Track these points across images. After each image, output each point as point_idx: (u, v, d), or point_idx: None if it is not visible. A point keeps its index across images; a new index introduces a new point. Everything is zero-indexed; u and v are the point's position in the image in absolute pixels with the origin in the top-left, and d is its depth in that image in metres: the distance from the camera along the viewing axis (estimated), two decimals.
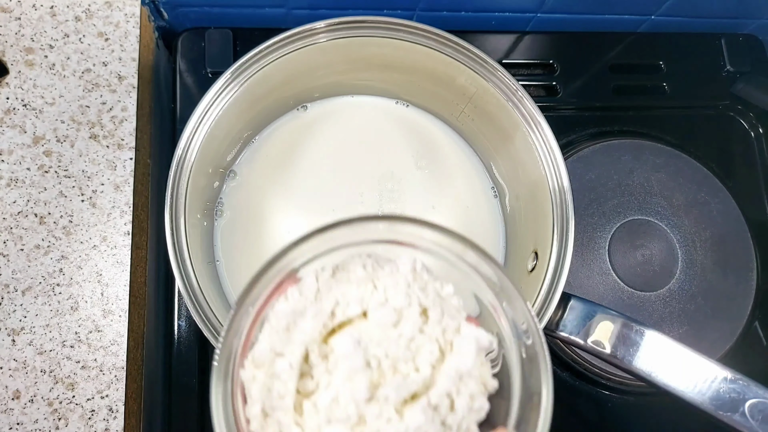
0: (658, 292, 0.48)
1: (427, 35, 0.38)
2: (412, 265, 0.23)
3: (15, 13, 0.46)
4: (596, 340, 0.35)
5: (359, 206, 0.44)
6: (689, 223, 0.50)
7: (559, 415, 0.47)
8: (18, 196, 0.43)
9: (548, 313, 0.35)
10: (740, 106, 0.56)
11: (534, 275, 0.38)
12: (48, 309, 0.42)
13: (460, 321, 0.23)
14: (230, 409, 0.21)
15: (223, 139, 0.40)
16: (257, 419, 0.21)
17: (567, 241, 0.36)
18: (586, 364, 0.46)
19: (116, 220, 0.44)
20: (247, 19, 0.51)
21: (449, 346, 0.22)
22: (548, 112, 0.40)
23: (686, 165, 0.51)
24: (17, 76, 0.45)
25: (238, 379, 0.22)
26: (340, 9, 0.51)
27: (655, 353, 0.34)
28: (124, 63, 0.46)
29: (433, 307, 0.23)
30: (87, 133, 0.45)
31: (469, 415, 0.22)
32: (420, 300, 0.22)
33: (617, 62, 0.55)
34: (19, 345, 0.41)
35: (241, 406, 0.22)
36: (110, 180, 0.44)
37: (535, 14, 0.55)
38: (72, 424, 0.40)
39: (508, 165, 0.44)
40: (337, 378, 0.21)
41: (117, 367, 0.41)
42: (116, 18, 0.47)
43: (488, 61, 0.38)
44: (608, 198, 0.50)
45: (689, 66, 0.56)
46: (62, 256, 0.42)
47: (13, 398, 0.40)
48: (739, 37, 0.57)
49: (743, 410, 0.32)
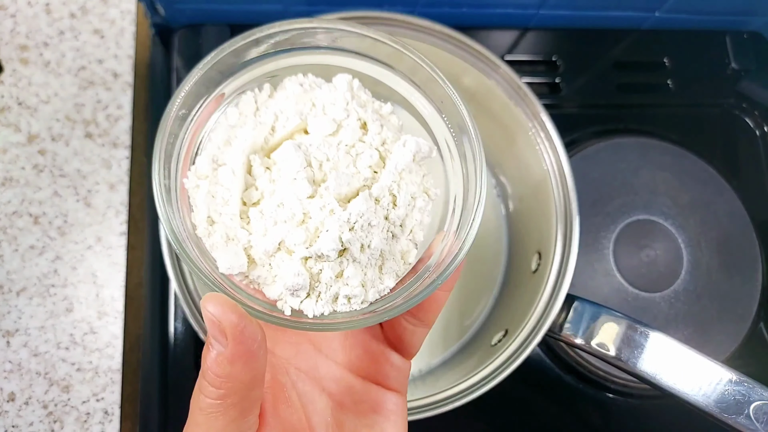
0: (663, 293, 0.47)
1: (428, 31, 0.38)
2: (350, 83, 0.23)
3: (10, 11, 0.45)
4: (601, 342, 0.34)
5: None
6: (694, 223, 0.49)
7: (563, 417, 0.47)
8: (12, 195, 0.42)
9: (552, 314, 0.35)
10: (745, 104, 0.55)
11: (537, 276, 0.38)
12: (43, 310, 0.41)
13: (400, 134, 0.23)
14: (177, 215, 0.21)
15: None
16: (203, 225, 0.21)
17: (571, 242, 0.36)
18: (590, 367, 0.46)
19: (111, 220, 0.43)
20: (244, 15, 0.51)
21: (389, 154, 0.23)
22: (551, 110, 0.40)
23: (691, 164, 0.51)
24: (12, 74, 0.44)
25: (183, 188, 0.22)
26: (339, 5, 0.50)
27: (660, 355, 0.34)
28: (120, 60, 0.46)
29: (373, 121, 0.23)
30: (82, 132, 0.44)
31: (413, 213, 0.22)
32: (359, 114, 0.23)
33: (621, 59, 0.54)
34: (13, 347, 0.40)
35: (187, 213, 0.22)
36: (105, 179, 0.44)
37: (538, 10, 0.54)
38: (67, 426, 0.39)
39: (511, 164, 0.43)
40: (281, 185, 0.21)
41: (112, 370, 0.41)
42: (112, 15, 0.46)
43: (491, 58, 0.38)
44: (613, 197, 0.49)
45: (694, 63, 0.55)
46: (57, 257, 0.42)
47: (8, 400, 0.39)
48: (744, 35, 0.57)
49: (748, 412, 0.32)
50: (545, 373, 0.47)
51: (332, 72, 0.24)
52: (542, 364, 0.47)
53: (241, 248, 0.21)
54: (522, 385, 0.47)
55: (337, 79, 0.23)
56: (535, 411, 0.47)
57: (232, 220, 0.21)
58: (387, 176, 0.22)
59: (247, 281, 0.22)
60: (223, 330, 0.18)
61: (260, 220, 0.21)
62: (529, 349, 0.34)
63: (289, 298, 0.21)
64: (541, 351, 0.48)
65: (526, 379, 0.47)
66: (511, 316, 0.39)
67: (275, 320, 0.20)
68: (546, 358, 0.47)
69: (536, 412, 0.47)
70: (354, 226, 0.21)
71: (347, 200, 0.21)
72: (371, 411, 0.24)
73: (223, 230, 0.21)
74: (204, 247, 0.21)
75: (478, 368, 0.35)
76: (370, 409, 0.24)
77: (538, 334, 0.35)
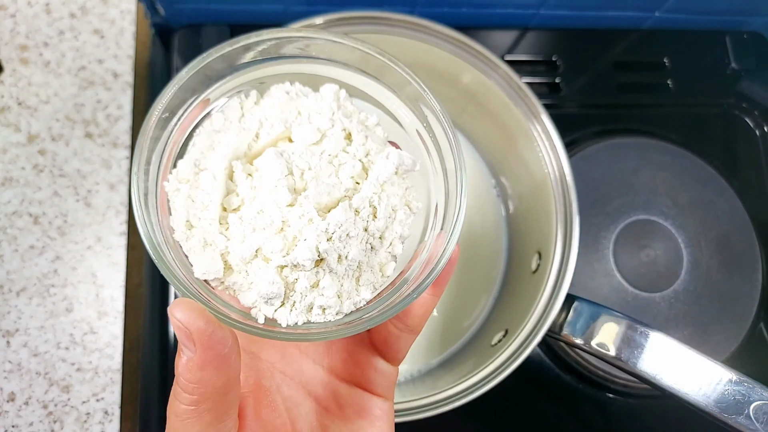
0: (663, 293, 0.47)
1: (428, 31, 0.38)
2: (336, 94, 0.23)
3: (10, 11, 0.45)
4: (601, 342, 0.34)
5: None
6: (694, 223, 0.49)
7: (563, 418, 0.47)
8: (12, 195, 0.42)
9: (552, 314, 0.35)
10: (745, 104, 0.55)
11: (537, 276, 0.38)
12: (43, 310, 0.41)
13: (384, 147, 0.23)
14: (155, 218, 0.21)
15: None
16: (181, 229, 0.21)
17: (571, 241, 0.36)
18: (590, 367, 0.46)
19: (111, 220, 0.43)
20: (244, 15, 0.51)
21: (372, 165, 0.22)
22: (551, 110, 0.40)
23: (691, 164, 0.51)
24: (12, 74, 0.44)
25: (162, 192, 0.22)
26: (339, 4, 0.50)
27: (660, 355, 0.34)
28: (120, 60, 0.46)
29: (357, 132, 0.23)
30: (82, 132, 0.44)
31: (393, 226, 0.22)
32: (344, 124, 0.23)
33: (621, 59, 0.54)
34: (13, 347, 0.40)
35: (165, 217, 0.22)
36: (105, 179, 0.44)
37: (538, 10, 0.54)
38: (67, 426, 0.39)
39: (511, 164, 0.43)
40: (261, 192, 0.21)
41: (112, 370, 0.41)
42: (112, 15, 0.46)
43: (491, 58, 0.38)
44: (613, 197, 0.49)
45: (694, 64, 0.55)
46: (57, 257, 0.42)
47: (8, 400, 0.39)
48: (744, 35, 0.57)
49: (748, 412, 0.32)
50: (545, 373, 0.47)
51: (320, 81, 0.24)
52: (542, 364, 0.47)
53: (218, 254, 0.21)
54: (522, 385, 0.47)
55: (324, 89, 0.23)
56: (535, 411, 0.47)
57: (211, 225, 0.21)
58: (368, 187, 0.22)
59: (223, 287, 0.21)
60: (191, 336, 0.18)
61: (239, 226, 0.21)
62: (529, 349, 0.34)
63: (263, 306, 0.21)
64: (541, 351, 0.48)
65: (526, 379, 0.47)
66: (511, 316, 0.39)
67: (248, 329, 0.20)
68: (546, 358, 0.47)
69: (536, 412, 0.47)
70: (332, 237, 0.20)
71: (327, 210, 0.21)
72: (356, 416, 0.23)
73: (201, 235, 0.21)
74: (181, 251, 0.21)
75: (478, 368, 0.35)
76: (355, 414, 0.23)
77: (538, 334, 0.35)
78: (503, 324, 0.40)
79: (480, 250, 0.46)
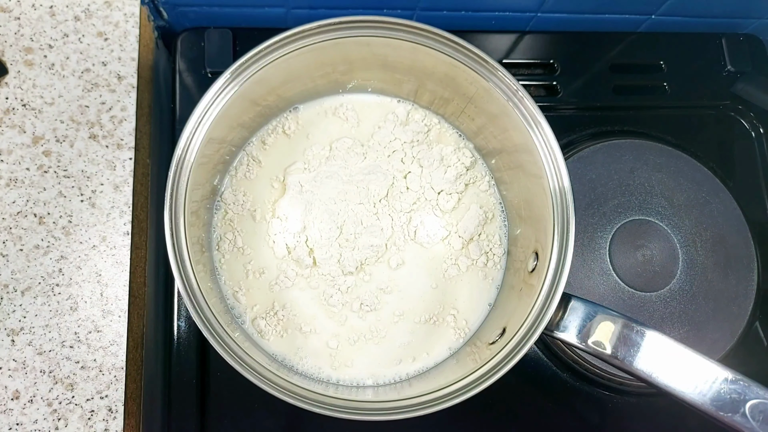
0: (658, 292, 0.48)
1: (427, 35, 0.38)
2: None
3: (14, 13, 0.46)
4: (597, 341, 0.35)
5: (359, 203, 0.44)
6: (690, 224, 0.50)
7: (560, 415, 0.48)
8: (17, 196, 0.43)
9: (549, 313, 0.35)
10: (741, 106, 0.56)
11: (534, 276, 0.38)
12: (47, 309, 0.42)
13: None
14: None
15: (222, 138, 0.40)
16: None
17: (567, 242, 0.36)
18: (587, 365, 0.46)
19: (115, 220, 0.44)
20: (246, 18, 0.51)
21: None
22: (548, 112, 0.40)
23: (687, 165, 0.51)
24: (16, 76, 0.45)
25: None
26: (340, 8, 0.51)
27: (656, 354, 0.34)
28: (124, 63, 0.46)
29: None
30: (86, 133, 0.45)
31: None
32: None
33: (618, 62, 0.55)
34: (18, 345, 0.41)
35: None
36: (109, 180, 0.44)
37: (536, 14, 0.54)
38: (71, 424, 0.40)
39: (509, 165, 0.44)
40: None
41: (116, 368, 0.41)
42: (116, 18, 0.47)
43: (489, 61, 0.38)
44: (609, 198, 0.50)
45: (690, 66, 0.56)
46: (61, 257, 0.42)
47: (12, 398, 0.40)
48: (740, 37, 0.57)
49: (744, 411, 0.32)
50: (543, 371, 0.48)
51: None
52: (540, 362, 0.48)
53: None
54: (519, 383, 0.47)
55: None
56: (533, 409, 0.47)
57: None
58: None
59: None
60: None
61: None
62: (527, 348, 0.35)
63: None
64: (538, 349, 0.48)
65: (524, 378, 0.47)
66: (508, 315, 0.40)
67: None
68: (543, 356, 0.48)
69: (534, 409, 0.47)
70: None
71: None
72: None
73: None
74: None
75: (475, 366, 0.36)
76: None
77: (536, 333, 0.35)
78: (501, 323, 0.40)
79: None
